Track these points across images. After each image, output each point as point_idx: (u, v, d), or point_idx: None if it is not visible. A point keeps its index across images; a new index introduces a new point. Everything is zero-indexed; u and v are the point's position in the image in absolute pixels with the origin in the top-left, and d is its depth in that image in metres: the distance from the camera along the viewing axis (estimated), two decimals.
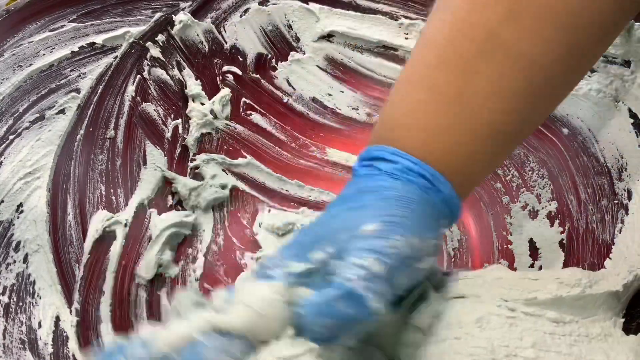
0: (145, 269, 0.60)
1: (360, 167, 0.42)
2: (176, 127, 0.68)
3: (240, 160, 0.70)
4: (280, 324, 0.35)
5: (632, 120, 0.56)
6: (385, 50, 0.71)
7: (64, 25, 0.63)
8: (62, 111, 0.61)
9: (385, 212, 0.38)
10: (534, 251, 0.63)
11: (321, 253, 0.37)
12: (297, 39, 0.72)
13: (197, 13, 0.69)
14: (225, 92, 0.70)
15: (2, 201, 0.55)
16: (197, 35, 0.69)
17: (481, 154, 0.42)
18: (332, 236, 0.37)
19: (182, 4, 0.68)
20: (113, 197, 0.63)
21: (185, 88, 0.69)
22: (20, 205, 0.55)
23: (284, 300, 0.35)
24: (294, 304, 0.36)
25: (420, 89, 0.42)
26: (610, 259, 0.53)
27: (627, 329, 0.43)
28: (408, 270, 0.37)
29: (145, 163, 0.66)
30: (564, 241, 0.60)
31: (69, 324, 0.53)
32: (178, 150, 0.68)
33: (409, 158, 0.40)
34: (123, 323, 0.57)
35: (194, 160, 0.68)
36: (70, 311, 0.54)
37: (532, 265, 0.62)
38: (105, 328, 0.55)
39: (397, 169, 0.39)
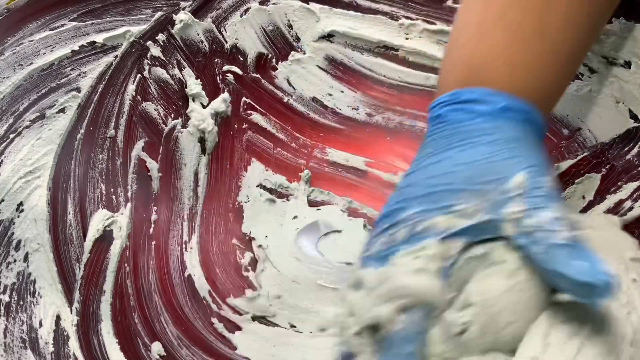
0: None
1: (449, 111, 0.40)
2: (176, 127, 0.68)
3: None
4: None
5: (632, 121, 0.56)
6: (386, 50, 0.71)
7: (65, 24, 0.63)
8: (62, 110, 0.61)
9: (519, 155, 0.37)
10: None
11: (468, 205, 0.36)
12: (298, 39, 0.72)
13: (198, 12, 0.69)
14: (224, 97, 0.70)
15: (3, 200, 0.55)
16: (198, 34, 0.69)
17: (563, 82, 0.46)
18: (471, 187, 0.36)
19: (183, 3, 0.68)
20: (113, 197, 0.63)
21: (186, 87, 0.69)
22: (21, 204, 0.55)
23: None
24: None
25: (498, 29, 0.42)
26: None
27: None
28: None
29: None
30: None
31: (69, 323, 0.53)
32: None
33: (506, 96, 0.40)
34: (124, 322, 0.57)
35: None
36: (71, 310, 0.54)
37: None
38: (106, 327, 0.55)
39: (496, 109, 0.39)
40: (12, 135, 0.57)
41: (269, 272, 0.64)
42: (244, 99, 0.72)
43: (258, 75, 0.72)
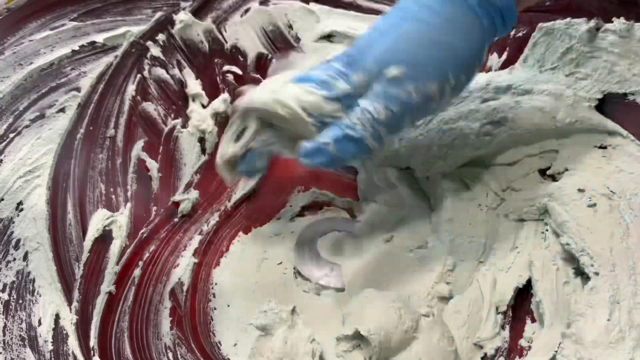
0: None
1: None
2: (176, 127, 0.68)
3: None
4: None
5: None
6: None
7: (65, 24, 0.63)
8: (62, 110, 0.61)
9: (415, 50, 0.44)
10: None
11: (355, 76, 0.45)
12: (298, 39, 0.72)
13: (198, 12, 0.69)
14: (224, 97, 0.70)
15: (2, 199, 0.55)
16: (198, 34, 0.69)
17: None
18: (364, 65, 0.45)
19: (183, 4, 0.68)
20: (113, 196, 0.62)
21: (186, 87, 0.69)
22: (20, 203, 0.55)
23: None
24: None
25: None
26: None
27: None
28: (418, 113, 0.47)
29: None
30: None
31: (69, 321, 0.53)
32: None
33: None
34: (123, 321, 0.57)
35: None
36: (70, 309, 0.54)
37: None
38: None
39: None
40: (12, 135, 0.57)
41: (268, 273, 0.64)
42: None
43: (258, 76, 0.72)
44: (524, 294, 0.56)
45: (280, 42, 0.72)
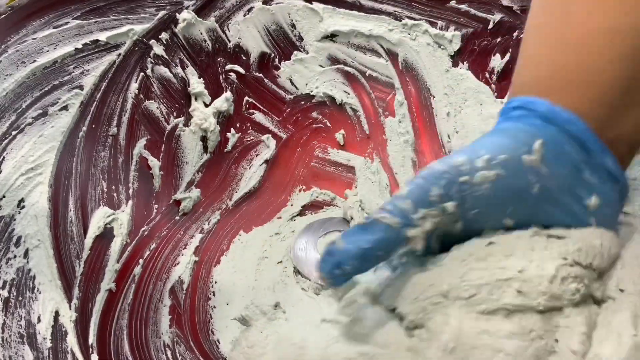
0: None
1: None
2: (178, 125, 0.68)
3: None
4: None
5: None
6: (388, 51, 0.71)
7: (68, 22, 0.63)
8: (65, 108, 0.61)
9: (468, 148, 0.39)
10: None
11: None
12: (301, 39, 0.72)
13: (201, 11, 0.69)
14: (226, 96, 0.70)
15: (4, 196, 0.55)
16: (201, 33, 0.69)
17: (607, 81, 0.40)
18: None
19: (186, 3, 0.68)
20: (114, 194, 0.63)
21: (188, 86, 0.69)
22: (22, 200, 0.56)
23: None
24: None
25: (531, 37, 0.45)
26: None
27: None
28: (462, 187, 0.37)
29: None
30: None
31: (68, 319, 0.53)
32: None
33: (516, 99, 0.42)
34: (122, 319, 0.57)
35: None
36: (70, 307, 0.54)
37: None
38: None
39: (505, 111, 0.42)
40: (14, 132, 0.57)
41: (268, 272, 0.64)
42: (246, 98, 0.72)
43: (261, 75, 0.72)
44: None
45: (283, 42, 0.72)
